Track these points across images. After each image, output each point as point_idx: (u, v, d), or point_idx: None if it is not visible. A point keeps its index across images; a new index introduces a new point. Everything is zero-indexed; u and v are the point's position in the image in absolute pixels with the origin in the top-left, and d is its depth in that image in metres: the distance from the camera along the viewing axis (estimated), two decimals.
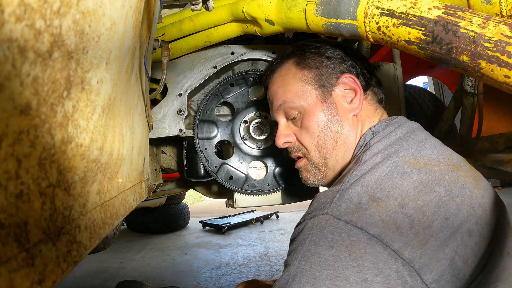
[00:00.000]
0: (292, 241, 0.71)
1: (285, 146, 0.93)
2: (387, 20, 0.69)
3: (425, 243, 0.62)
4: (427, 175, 0.67)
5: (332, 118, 0.85)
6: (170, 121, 1.22)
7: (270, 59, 1.28)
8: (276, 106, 0.92)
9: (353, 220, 0.63)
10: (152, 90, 1.21)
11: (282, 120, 0.93)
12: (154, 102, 1.40)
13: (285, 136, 0.91)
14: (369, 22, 0.71)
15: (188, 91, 1.23)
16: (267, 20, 0.95)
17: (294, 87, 0.88)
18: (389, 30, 0.69)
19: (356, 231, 0.63)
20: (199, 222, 5.57)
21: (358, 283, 0.61)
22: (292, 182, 1.29)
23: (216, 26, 1.09)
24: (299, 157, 0.92)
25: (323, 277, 0.62)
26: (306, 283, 0.63)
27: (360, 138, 0.83)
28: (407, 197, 0.65)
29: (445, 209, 0.64)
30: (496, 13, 0.67)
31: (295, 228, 0.73)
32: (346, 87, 0.86)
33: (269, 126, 1.26)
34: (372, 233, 0.62)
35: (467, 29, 0.59)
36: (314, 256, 0.64)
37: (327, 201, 0.69)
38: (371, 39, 0.74)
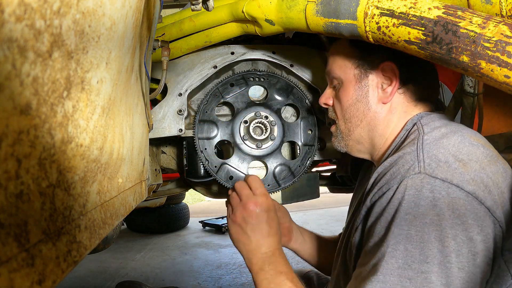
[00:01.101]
0: (382, 212, 0.68)
1: (324, 106, 1.02)
2: (387, 20, 0.69)
3: (503, 207, 0.65)
4: (488, 151, 0.71)
5: (361, 99, 0.88)
6: (170, 121, 1.22)
7: (270, 59, 1.28)
8: (326, 70, 1.00)
9: (448, 177, 0.64)
10: (152, 90, 1.21)
11: (329, 84, 1.01)
12: (154, 102, 1.40)
13: (326, 98, 0.99)
14: (369, 22, 0.71)
15: (188, 91, 1.23)
16: (267, 20, 0.95)
17: (340, 61, 0.93)
18: (389, 30, 0.69)
19: (454, 188, 0.63)
20: (199, 222, 5.56)
21: (465, 242, 0.60)
22: (292, 182, 1.29)
23: (216, 26, 1.09)
24: (334, 122, 1.00)
25: (432, 239, 0.61)
26: (414, 249, 0.61)
27: (407, 123, 0.84)
28: (483, 163, 0.68)
29: (507, 181, 0.68)
30: (496, 13, 0.67)
31: (376, 201, 0.71)
32: (385, 74, 0.87)
33: (269, 126, 1.26)
34: (468, 190, 0.63)
35: (467, 29, 0.59)
36: (418, 218, 0.62)
37: (410, 163, 0.69)
38: (371, 39, 0.74)
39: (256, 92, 1.32)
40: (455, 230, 0.61)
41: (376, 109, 0.87)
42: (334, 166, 1.95)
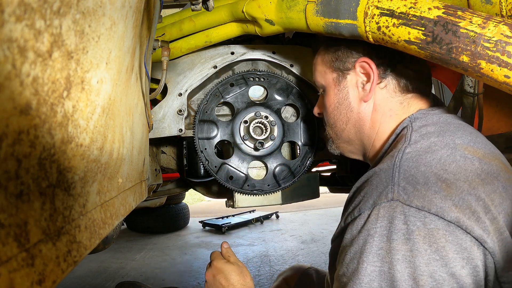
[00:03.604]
0: (351, 242, 0.63)
1: (319, 116, 1.02)
2: (387, 20, 0.69)
3: (502, 234, 0.58)
4: (487, 166, 0.63)
5: (342, 102, 0.87)
6: (170, 121, 1.22)
7: (270, 59, 1.28)
8: (313, 81, 1.00)
9: (426, 205, 0.57)
10: (152, 90, 1.21)
11: (320, 94, 1.01)
12: (154, 102, 1.40)
13: (316, 108, 1.03)
14: (369, 22, 0.71)
15: (188, 91, 1.23)
16: (267, 20, 0.95)
17: (320, 68, 0.93)
18: (389, 30, 0.69)
19: (432, 217, 0.57)
20: (199, 222, 5.56)
21: (445, 279, 0.55)
22: (292, 182, 1.29)
23: (216, 26, 1.09)
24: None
25: (405, 278, 0.56)
26: (388, 287, 0.56)
27: (398, 126, 0.78)
28: (474, 182, 0.60)
29: (507, 203, 0.61)
30: (496, 13, 0.67)
31: (348, 225, 0.66)
32: (362, 71, 0.83)
33: (269, 126, 1.26)
34: (450, 219, 0.56)
35: (467, 29, 0.59)
36: (390, 253, 0.57)
37: (383, 184, 0.62)
38: (371, 39, 0.74)
39: (256, 92, 1.32)
40: (432, 267, 0.55)
41: (359, 109, 0.83)
42: (334, 166, 1.95)
